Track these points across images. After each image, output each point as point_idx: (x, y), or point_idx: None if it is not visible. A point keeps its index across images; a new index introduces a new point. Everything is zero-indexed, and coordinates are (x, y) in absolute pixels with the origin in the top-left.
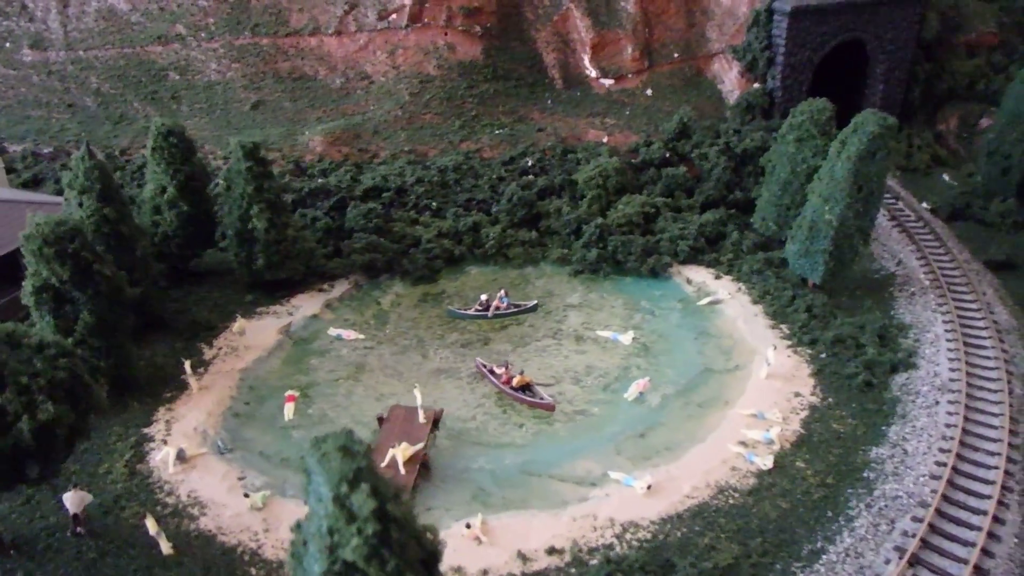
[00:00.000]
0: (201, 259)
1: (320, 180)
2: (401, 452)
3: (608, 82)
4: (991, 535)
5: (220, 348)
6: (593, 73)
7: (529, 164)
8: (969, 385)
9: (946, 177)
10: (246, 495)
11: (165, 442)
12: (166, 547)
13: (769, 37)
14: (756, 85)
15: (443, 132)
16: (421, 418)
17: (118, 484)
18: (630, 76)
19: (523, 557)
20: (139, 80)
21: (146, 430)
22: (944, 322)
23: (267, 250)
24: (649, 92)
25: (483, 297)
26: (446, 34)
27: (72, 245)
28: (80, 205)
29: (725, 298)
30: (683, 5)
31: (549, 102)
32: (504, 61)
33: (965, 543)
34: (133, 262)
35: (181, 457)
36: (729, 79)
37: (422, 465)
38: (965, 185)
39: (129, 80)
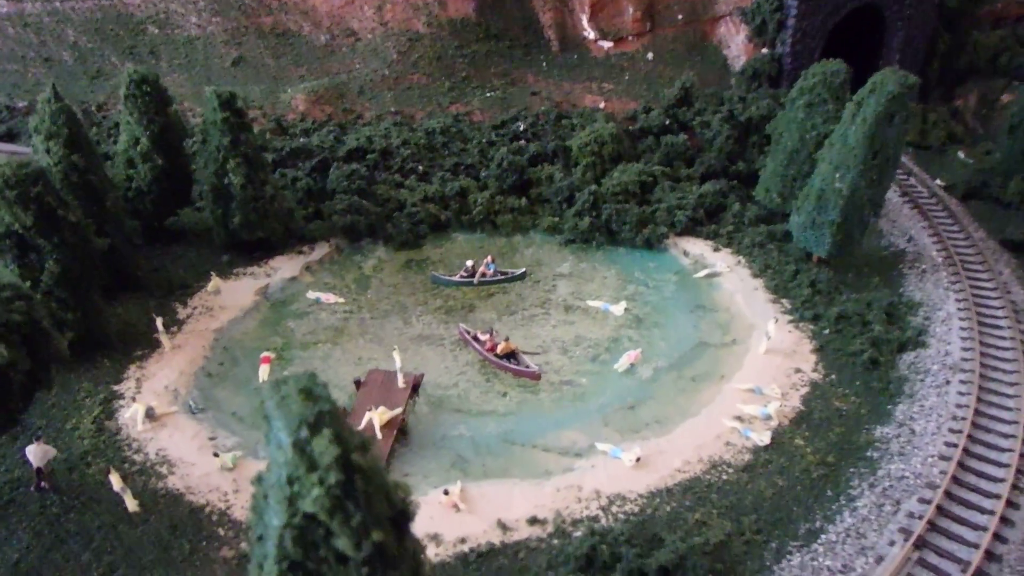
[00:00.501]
0: (178, 218)
1: (302, 140)
2: (378, 416)
3: (607, 45)
4: (1004, 520)
5: (195, 308)
6: (591, 35)
7: (521, 128)
8: (983, 365)
9: (962, 155)
10: (216, 455)
11: (134, 399)
12: (132, 504)
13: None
14: (764, 51)
15: (431, 93)
16: (400, 383)
17: (85, 440)
18: (630, 39)
19: (503, 526)
20: (117, 34)
21: (116, 387)
22: (957, 300)
23: (244, 207)
24: (650, 56)
25: (469, 263)
26: None
27: (35, 189)
28: (47, 152)
29: (723, 271)
30: None
31: (544, 65)
32: (497, 20)
33: (976, 527)
34: (103, 214)
35: (150, 415)
36: (735, 44)
37: (400, 430)
38: (982, 163)
39: (107, 34)
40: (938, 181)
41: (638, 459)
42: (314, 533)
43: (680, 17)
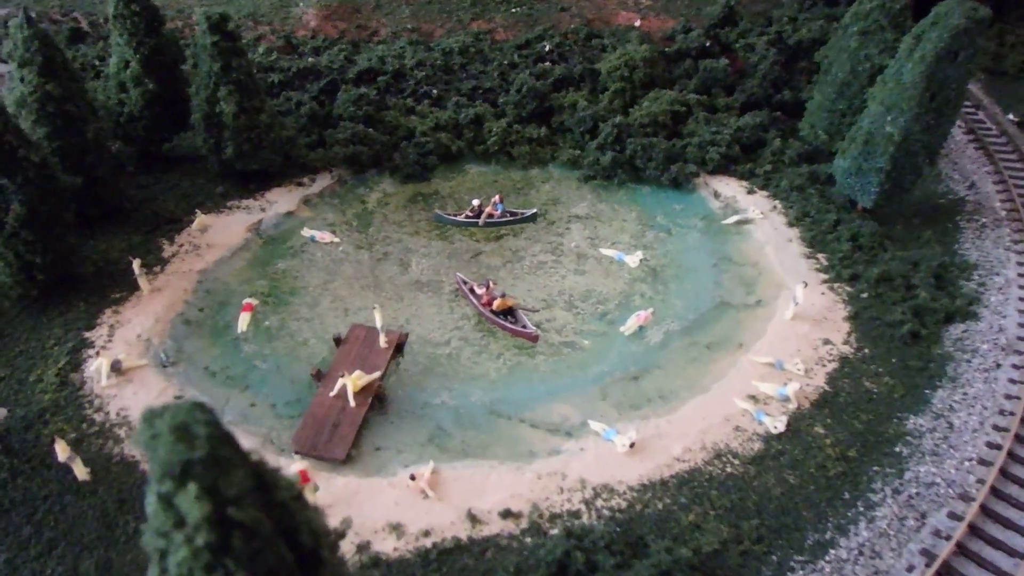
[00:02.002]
0: (175, 143)
1: (311, 59)
2: (352, 382)
3: None
4: None
5: (181, 245)
6: None
7: (547, 49)
8: None
9: None
10: None
11: (103, 349)
12: (81, 473)
13: None
14: None
15: (452, 8)
16: (382, 342)
17: (46, 395)
18: None
19: (473, 519)
20: None
21: (87, 334)
22: (1019, 263)
23: (236, 138)
24: None
25: (475, 202)
26: None
27: None
28: (22, 80)
29: (756, 218)
30: None
31: None
32: None
33: (1013, 553)
34: (83, 145)
35: (117, 368)
36: None
37: (377, 397)
38: None
39: None
40: (1010, 116)
41: (632, 444)
42: None
43: None
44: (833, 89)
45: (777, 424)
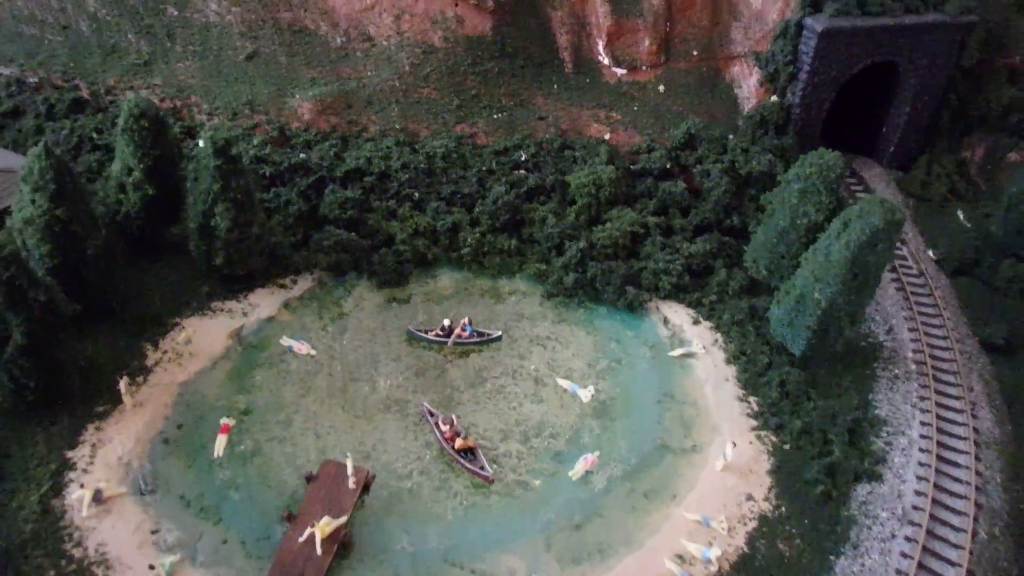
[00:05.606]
0: (165, 233)
1: (302, 155)
2: (320, 529)
3: (620, 72)
4: None
5: (165, 352)
6: (606, 60)
7: (522, 159)
8: (932, 518)
9: (961, 215)
10: (151, 567)
11: (86, 471)
12: None
13: (795, 51)
14: (774, 98)
15: (438, 110)
16: (351, 483)
17: (28, 524)
18: (644, 69)
19: None
20: (136, 9)
21: (70, 454)
22: (922, 423)
23: (227, 249)
24: (662, 88)
25: (446, 322)
26: (456, 5)
27: (7, 272)
28: (32, 203)
29: (698, 352)
30: (710, 2)
31: (555, 87)
32: (514, 38)
33: None
34: (83, 259)
35: (98, 499)
36: (747, 86)
37: (341, 544)
38: (979, 229)
39: (126, 7)
40: (931, 253)
41: None
42: None
43: (695, 53)
44: (775, 234)
45: None
